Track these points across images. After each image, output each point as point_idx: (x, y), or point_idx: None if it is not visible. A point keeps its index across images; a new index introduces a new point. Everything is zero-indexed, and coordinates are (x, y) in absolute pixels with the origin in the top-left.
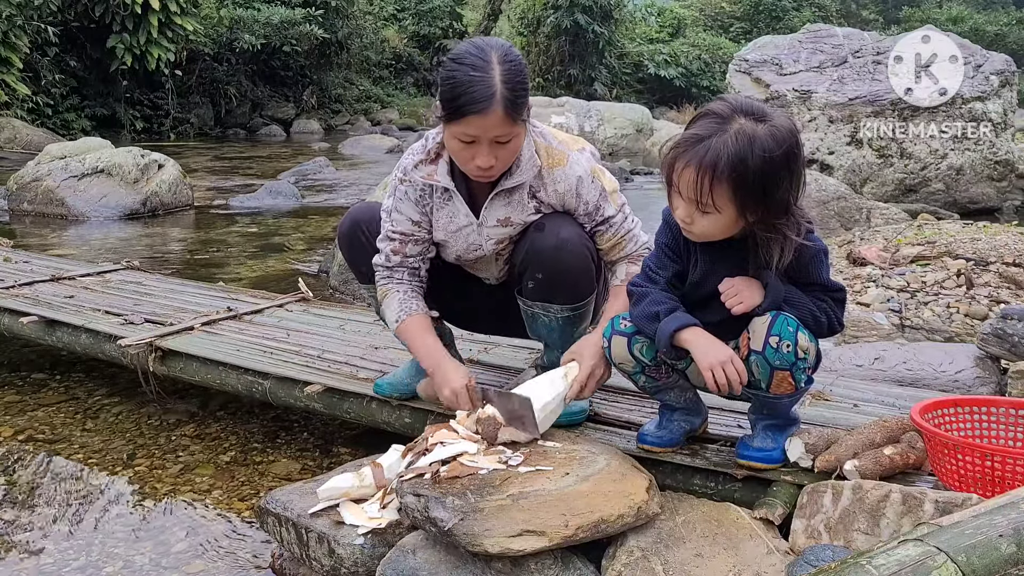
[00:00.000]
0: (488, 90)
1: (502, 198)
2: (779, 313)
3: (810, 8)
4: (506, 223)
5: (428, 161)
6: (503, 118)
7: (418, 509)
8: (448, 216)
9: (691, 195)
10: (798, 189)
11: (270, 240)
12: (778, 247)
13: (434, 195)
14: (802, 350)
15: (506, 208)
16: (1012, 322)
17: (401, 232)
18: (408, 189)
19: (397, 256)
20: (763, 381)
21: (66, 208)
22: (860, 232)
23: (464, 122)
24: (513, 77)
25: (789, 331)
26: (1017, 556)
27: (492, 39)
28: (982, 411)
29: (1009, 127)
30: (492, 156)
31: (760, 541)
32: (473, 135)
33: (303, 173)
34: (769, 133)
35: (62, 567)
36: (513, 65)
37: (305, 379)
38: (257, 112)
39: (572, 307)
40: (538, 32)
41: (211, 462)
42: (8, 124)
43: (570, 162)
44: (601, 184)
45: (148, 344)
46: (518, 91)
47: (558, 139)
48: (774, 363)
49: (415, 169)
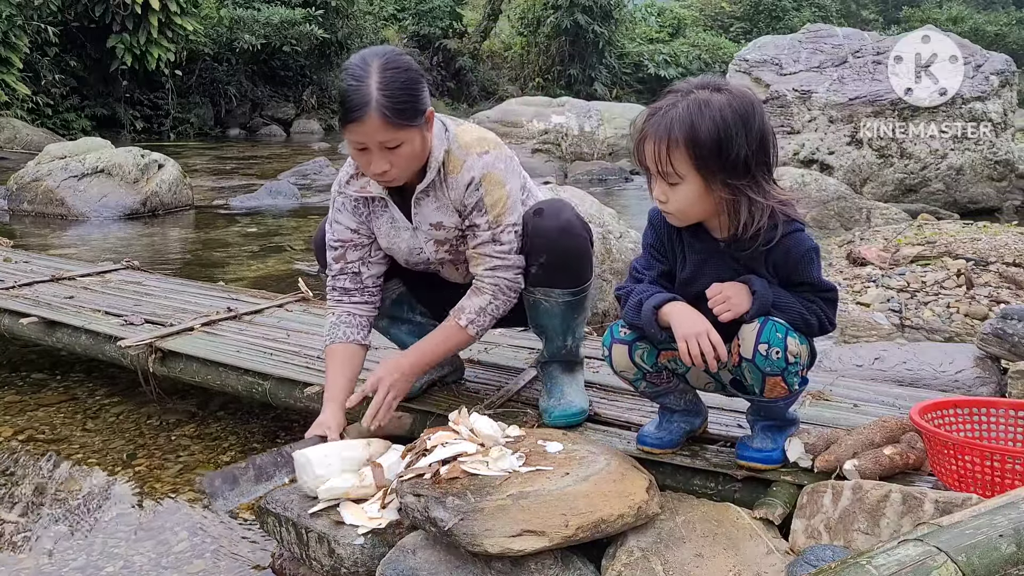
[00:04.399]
0: (363, 98)
1: (430, 202)
2: (767, 319)
3: (810, 8)
4: (439, 227)
5: (359, 175)
6: (381, 124)
7: (418, 509)
8: (387, 223)
9: (655, 167)
10: (764, 153)
11: (270, 240)
12: (745, 209)
13: (370, 205)
14: (792, 355)
15: (437, 212)
16: (1012, 322)
17: (340, 240)
18: (344, 200)
19: (338, 264)
20: (756, 387)
21: (66, 208)
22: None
23: (348, 130)
24: (391, 83)
25: (778, 337)
26: (1017, 556)
27: (382, 48)
28: (982, 412)
29: (1009, 127)
30: (385, 162)
31: (760, 541)
32: (360, 142)
33: (303, 173)
34: (724, 99)
35: (62, 567)
36: (395, 72)
37: (305, 380)
38: (257, 112)
39: (573, 291)
40: (538, 32)
41: (211, 462)
42: (8, 124)
43: (464, 168)
44: (482, 194)
45: (148, 345)
46: (397, 97)
47: (461, 142)
48: (765, 370)
49: (347, 184)
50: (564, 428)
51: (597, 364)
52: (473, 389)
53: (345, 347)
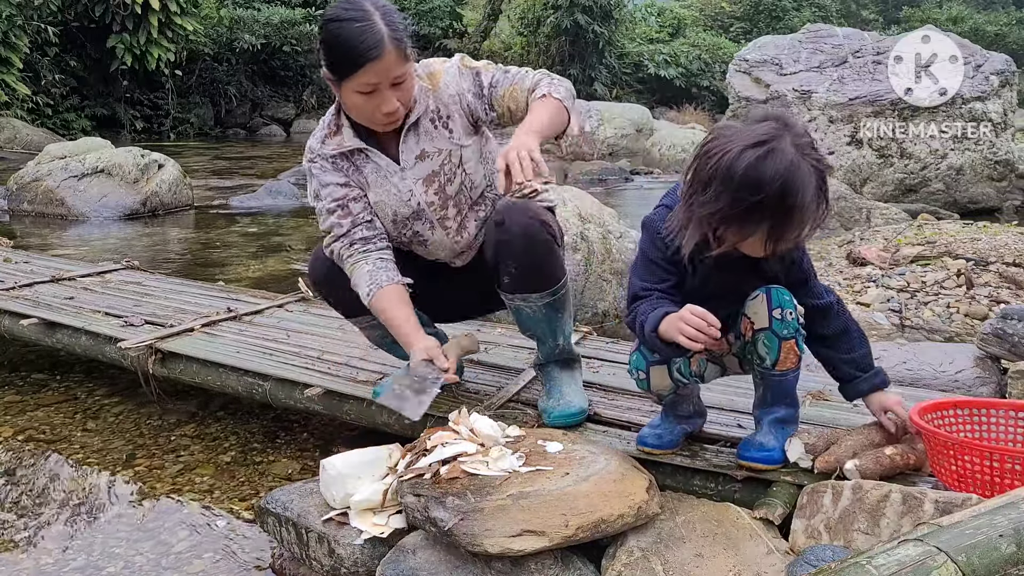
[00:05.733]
0: (377, 35)
1: (412, 136)
2: (769, 288)
3: (810, 8)
4: (423, 156)
5: (332, 134)
6: (396, 58)
7: (418, 509)
8: (373, 172)
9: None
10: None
11: (270, 240)
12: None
13: (351, 159)
14: (801, 315)
15: (419, 143)
16: (1012, 322)
17: (337, 199)
18: (323, 163)
19: (347, 219)
20: (770, 358)
21: (66, 208)
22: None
23: (362, 72)
24: (392, 18)
25: (787, 299)
26: (1017, 556)
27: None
28: (982, 413)
29: (1009, 127)
30: (394, 100)
31: (760, 541)
32: (374, 83)
33: (303, 173)
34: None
35: (62, 567)
36: (387, 6)
37: (305, 381)
38: (257, 112)
39: (550, 292)
40: (538, 32)
41: (211, 462)
42: (8, 124)
43: (444, 68)
44: (471, 67)
45: (148, 346)
46: (399, 29)
47: (426, 63)
48: (782, 334)
49: (323, 145)
50: (564, 428)
51: (597, 364)
52: (473, 389)
53: (396, 288)
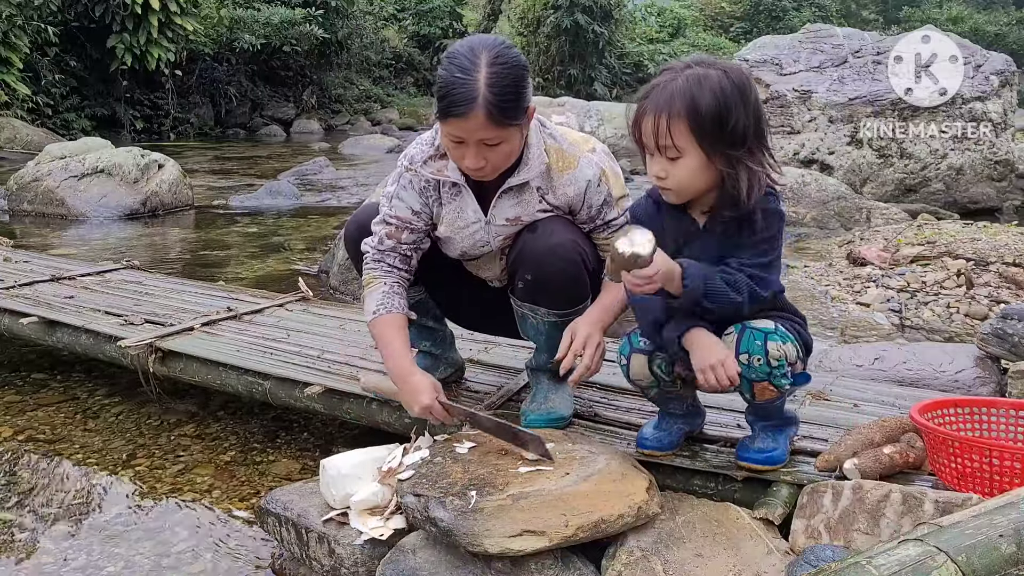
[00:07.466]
0: (470, 94)
1: (511, 196)
2: (744, 328)
3: (810, 8)
4: (515, 222)
5: (437, 157)
6: (485, 122)
7: (418, 509)
8: (456, 211)
9: (654, 141)
10: (758, 123)
11: (270, 240)
12: (744, 179)
13: (441, 189)
14: (774, 359)
15: (515, 208)
16: (1012, 322)
17: (399, 218)
18: (413, 179)
19: (391, 240)
20: (746, 392)
21: (66, 208)
22: (860, 232)
23: (448, 123)
24: (500, 80)
25: (757, 345)
26: (1017, 556)
27: (490, 38)
28: (982, 412)
29: (1009, 127)
30: (481, 157)
31: (760, 541)
32: (459, 136)
33: (303, 173)
34: (720, 73)
35: (62, 567)
36: (504, 68)
37: (305, 380)
38: (257, 112)
39: (558, 313)
40: (538, 32)
41: (211, 462)
42: (8, 124)
43: (580, 165)
44: (608, 188)
45: (148, 345)
46: (506, 95)
47: (569, 140)
48: (750, 376)
49: (424, 165)
50: (563, 428)
51: None
52: (473, 389)
53: (401, 318)
